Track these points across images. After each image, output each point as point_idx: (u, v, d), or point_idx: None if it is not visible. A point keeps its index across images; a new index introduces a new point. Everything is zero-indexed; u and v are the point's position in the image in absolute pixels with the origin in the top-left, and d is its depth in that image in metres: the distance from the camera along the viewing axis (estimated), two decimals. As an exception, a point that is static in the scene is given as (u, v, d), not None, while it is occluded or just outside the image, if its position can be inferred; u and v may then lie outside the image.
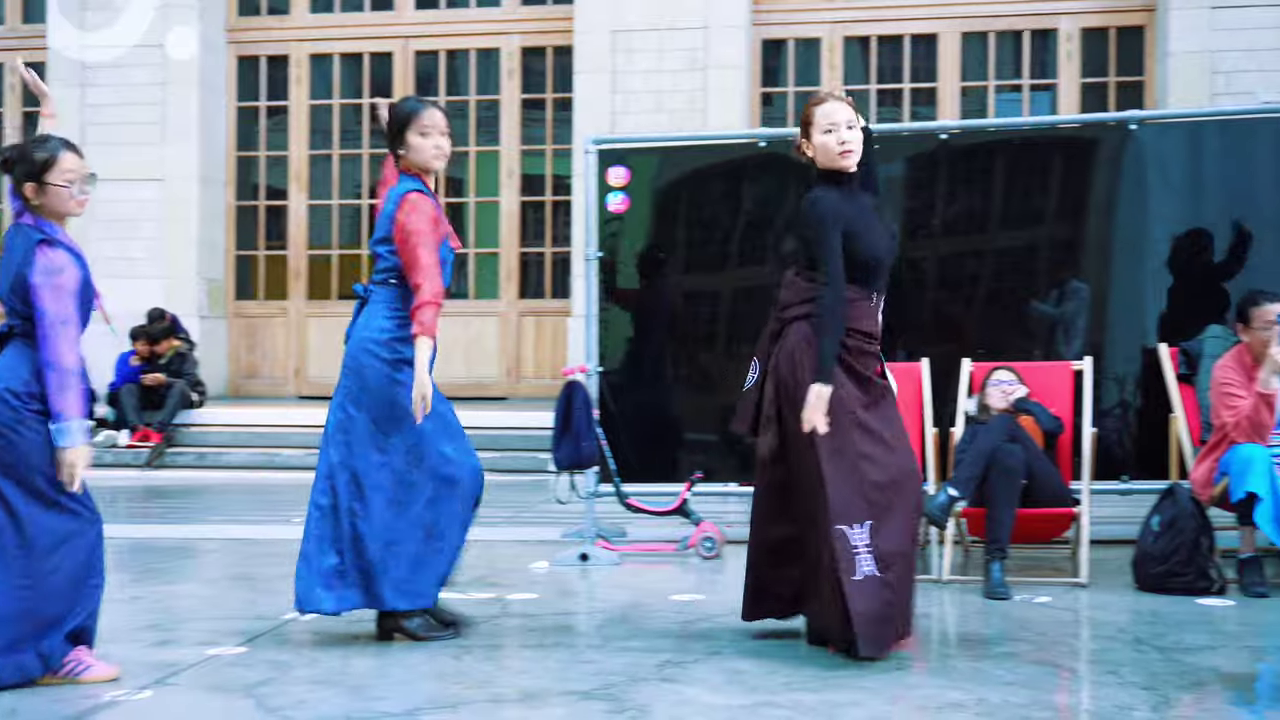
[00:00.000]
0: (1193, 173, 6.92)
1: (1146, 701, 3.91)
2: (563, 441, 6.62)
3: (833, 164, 4.62)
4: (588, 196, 7.28)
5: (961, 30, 12.29)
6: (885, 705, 3.93)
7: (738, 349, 7.33)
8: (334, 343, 13.23)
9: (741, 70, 12.13)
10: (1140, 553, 5.71)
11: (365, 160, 13.46)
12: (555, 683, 4.18)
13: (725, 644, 4.70)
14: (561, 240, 12.86)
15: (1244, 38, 11.28)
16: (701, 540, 6.67)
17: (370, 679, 4.25)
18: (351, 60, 13.50)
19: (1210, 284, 6.76)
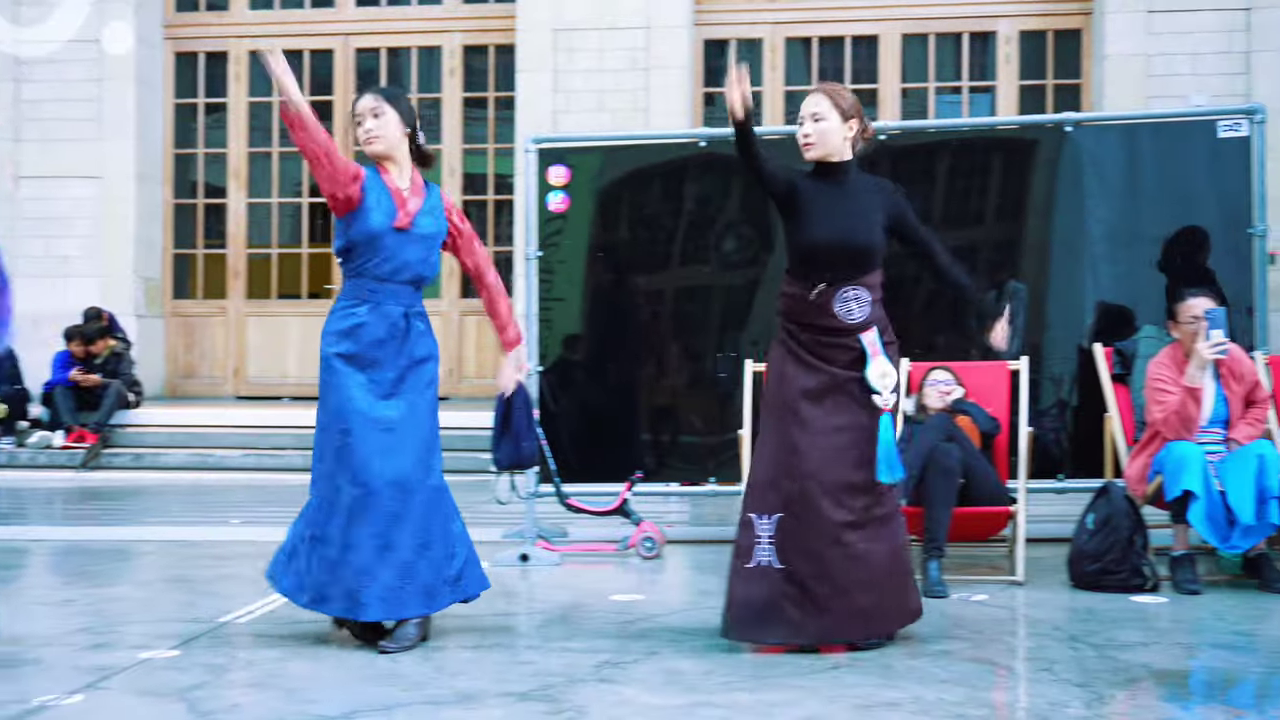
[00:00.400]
0: (1129, 174, 7.00)
1: (1080, 698, 3.95)
2: (502, 442, 6.55)
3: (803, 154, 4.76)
4: (528, 196, 7.26)
5: (902, 32, 12.36)
6: (822, 704, 3.94)
7: (680, 348, 7.34)
8: (274, 342, 13.22)
9: (683, 70, 12.14)
10: (1075, 551, 5.76)
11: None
12: (493, 684, 4.16)
13: (664, 644, 4.70)
14: (504, 239, 12.82)
15: (1178, 41, 11.43)
16: (642, 540, 6.66)
17: (306, 681, 4.21)
18: (292, 57, 13.25)
19: (1146, 284, 6.83)
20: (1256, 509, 5.47)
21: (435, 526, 4.72)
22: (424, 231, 4.78)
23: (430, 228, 4.80)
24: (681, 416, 7.32)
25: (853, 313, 4.65)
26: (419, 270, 4.78)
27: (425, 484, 4.71)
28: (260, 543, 7.18)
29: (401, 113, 4.82)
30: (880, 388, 4.63)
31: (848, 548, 4.57)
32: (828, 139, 4.70)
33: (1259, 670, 4.38)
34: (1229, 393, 5.91)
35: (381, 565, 4.61)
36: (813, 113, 4.71)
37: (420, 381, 4.79)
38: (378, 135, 4.81)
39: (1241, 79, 11.33)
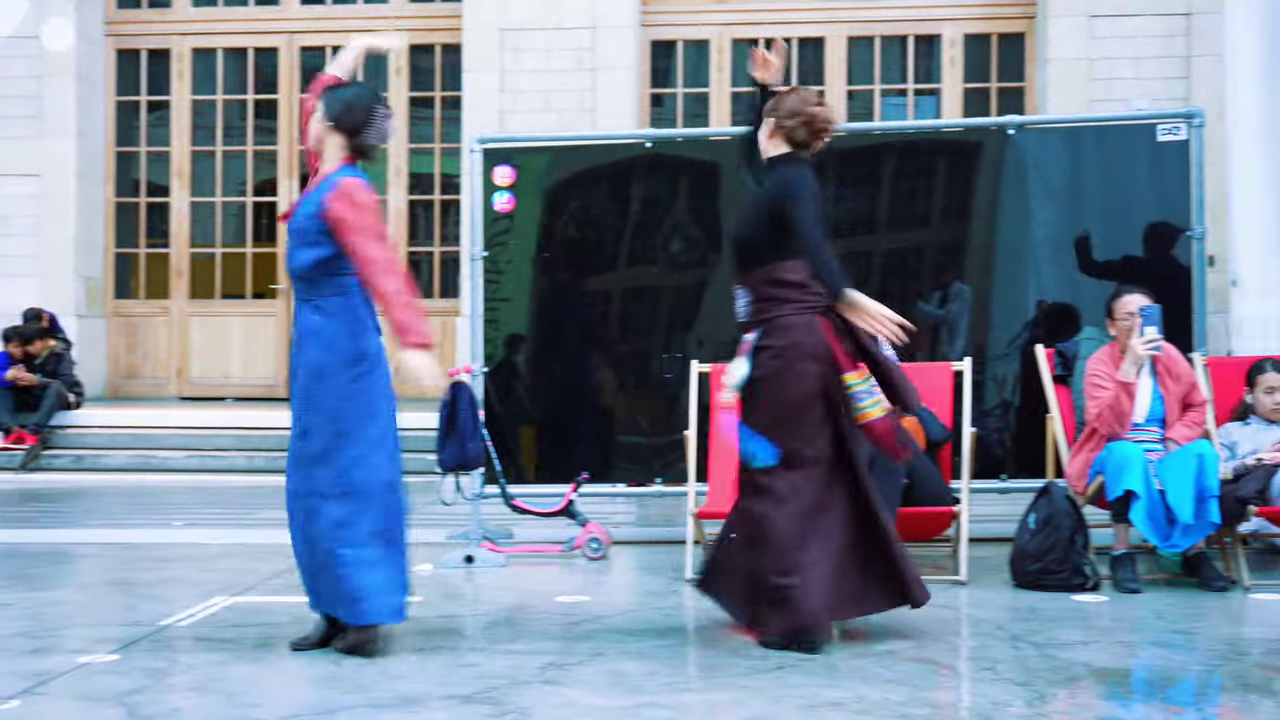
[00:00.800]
0: (1071, 177, 7.06)
1: (1021, 697, 3.98)
2: (448, 443, 6.56)
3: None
4: (473, 196, 7.23)
5: (848, 35, 12.42)
6: (766, 704, 3.95)
7: (627, 349, 7.34)
8: (218, 343, 13.10)
9: (630, 71, 12.14)
10: (1017, 550, 5.81)
11: (249, 157, 13.25)
12: (436, 687, 4.14)
13: (609, 645, 4.69)
14: (451, 239, 12.77)
15: (1120, 46, 11.55)
16: (587, 541, 6.65)
17: (247, 685, 4.18)
18: (236, 55, 13.28)
19: (1088, 286, 6.90)
20: (1196, 508, 5.53)
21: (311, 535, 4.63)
22: (294, 225, 4.72)
23: (299, 221, 4.69)
24: (628, 417, 7.32)
25: (740, 311, 4.82)
26: (289, 265, 4.73)
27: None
28: (203, 545, 7.12)
29: (327, 105, 4.78)
30: (728, 384, 4.78)
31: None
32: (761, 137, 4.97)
33: (1197, 668, 4.44)
34: (1165, 391, 5.99)
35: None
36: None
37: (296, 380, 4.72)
38: (314, 135, 4.83)
39: (1182, 83, 11.47)
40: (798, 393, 4.67)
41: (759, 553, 4.64)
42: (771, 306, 4.70)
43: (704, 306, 7.24)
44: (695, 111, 12.67)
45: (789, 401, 4.67)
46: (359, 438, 4.58)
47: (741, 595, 4.74)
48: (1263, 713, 3.86)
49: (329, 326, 4.62)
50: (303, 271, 4.66)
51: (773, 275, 4.71)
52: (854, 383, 4.68)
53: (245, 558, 6.68)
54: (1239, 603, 5.48)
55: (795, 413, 4.67)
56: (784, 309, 4.69)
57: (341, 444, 4.58)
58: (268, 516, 8.44)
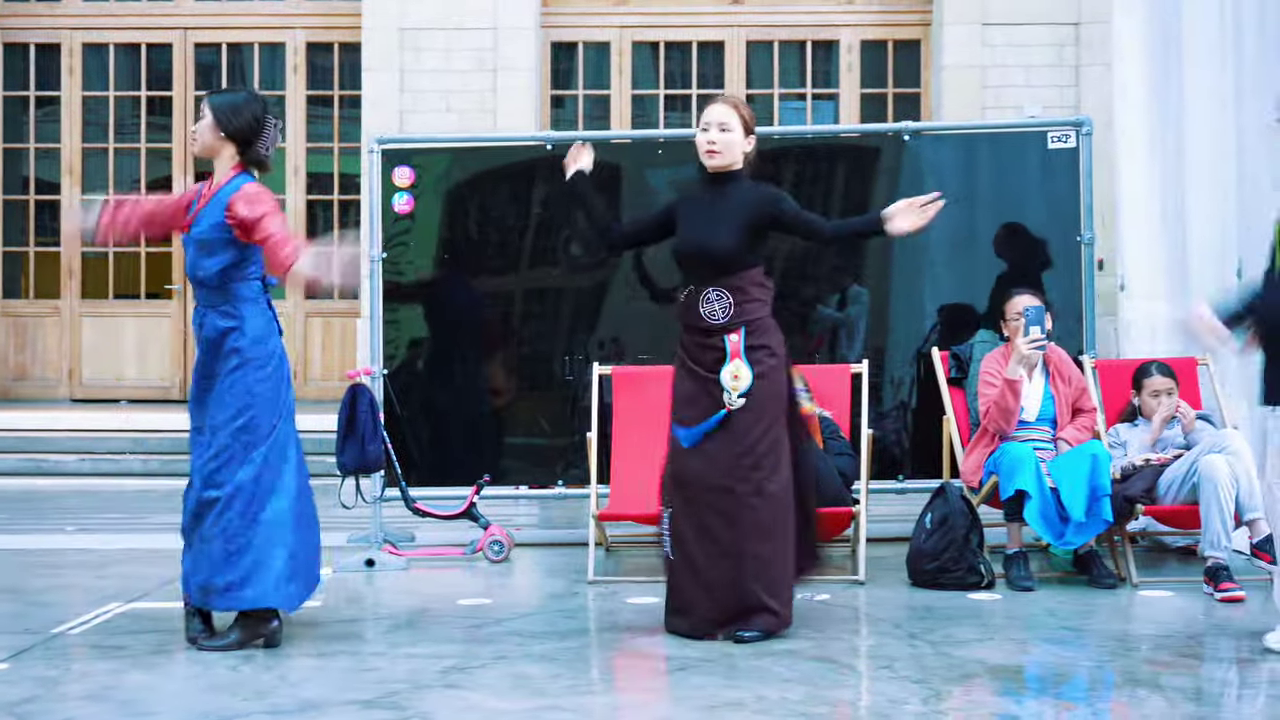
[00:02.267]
0: (966, 182, 7.18)
1: (918, 695, 4.05)
2: (347, 445, 6.51)
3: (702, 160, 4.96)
4: (372, 197, 7.18)
5: (747, 39, 12.52)
6: (669, 706, 3.98)
7: (528, 350, 7.33)
8: (111, 344, 12.84)
9: (531, 72, 12.13)
10: (914, 550, 5.90)
11: (143, 154, 13.02)
12: (336, 692, 4.11)
13: (512, 648, 4.70)
14: (350, 240, 12.65)
15: (1013, 54, 11.77)
16: (489, 543, 6.64)
17: (143, 693, 4.12)
18: (128, 50, 13.02)
19: (983, 290, 7.02)
20: (1088, 506, 5.67)
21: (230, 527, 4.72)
22: (195, 234, 4.81)
23: (201, 229, 4.79)
24: (529, 419, 7.30)
25: (715, 314, 4.84)
26: (193, 272, 4.82)
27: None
28: (96, 551, 6.99)
29: (217, 117, 4.82)
30: (729, 388, 4.74)
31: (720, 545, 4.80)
32: (732, 150, 4.96)
33: (1088, 664, 4.55)
34: (1055, 392, 6.14)
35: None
36: (721, 122, 4.97)
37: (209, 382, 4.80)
38: (194, 139, 4.90)
39: (1072, 91, 11.72)
40: (783, 389, 4.90)
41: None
42: (755, 308, 4.88)
43: (605, 308, 7.26)
44: (596, 114, 12.69)
45: (781, 395, 4.89)
46: (261, 435, 4.73)
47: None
48: (1150, 707, 3.97)
49: (235, 331, 4.75)
50: (209, 279, 4.77)
51: (756, 279, 4.91)
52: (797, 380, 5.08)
53: (139, 563, 6.57)
54: (1128, 599, 5.62)
55: (785, 406, 4.90)
56: (760, 309, 4.89)
57: (247, 440, 4.72)
58: (162, 521, 8.29)
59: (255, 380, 4.76)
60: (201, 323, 4.83)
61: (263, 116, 4.88)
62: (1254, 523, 5.61)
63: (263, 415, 4.75)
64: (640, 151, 7.46)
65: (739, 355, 4.80)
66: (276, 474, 4.76)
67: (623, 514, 6.33)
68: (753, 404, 4.79)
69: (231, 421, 4.73)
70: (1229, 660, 4.66)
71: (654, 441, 6.51)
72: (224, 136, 4.82)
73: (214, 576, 4.69)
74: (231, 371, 4.75)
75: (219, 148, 4.84)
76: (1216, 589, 5.51)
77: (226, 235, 4.75)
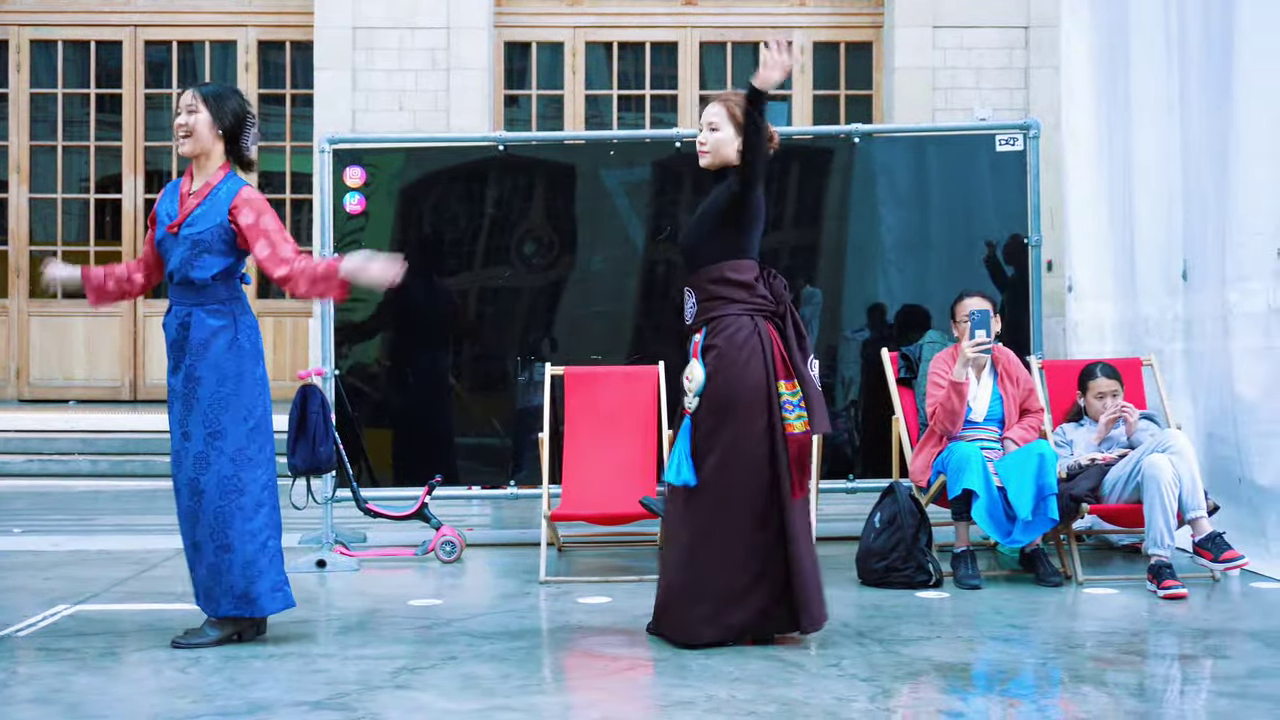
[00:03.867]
0: (917, 184, 7.24)
1: (865, 693, 4.08)
2: (298, 446, 6.48)
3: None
4: (323, 197, 7.16)
5: (700, 40, 12.56)
6: (618, 705, 4.00)
7: (481, 351, 7.33)
8: (60, 343, 12.73)
9: (484, 72, 12.12)
10: (863, 549, 5.94)
11: (92, 152, 12.92)
12: (285, 693, 4.10)
13: (462, 648, 4.70)
14: (305, 239, 12.59)
15: (963, 56, 11.88)
16: (441, 544, 6.63)
17: (90, 695, 4.09)
18: (78, 47, 12.92)
19: (934, 290, 7.08)
20: (1035, 505, 5.73)
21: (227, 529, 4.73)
22: (190, 234, 4.75)
23: (198, 229, 4.74)
24: (482, 419, 7.30)
25: (687, 314, 4.84)
26: (185, 272, 4.76)
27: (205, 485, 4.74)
28: (43, 552, 6.93)
29: (215, 114, 4.77)
30: (685, 388, 4.74)
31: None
32: (721, 149, 4.84)
33: (1033, 661, 4.59)
34: (1004, 393, 6.20)
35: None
36: (709, 122, 4.86)
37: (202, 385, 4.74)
38: (187, 135, 4.80)
39: (1022, 93, 11.84)
40: (741, 389, 4.67)
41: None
42: (717, 306, 4.74)
43: (559, 308, 7.27)
44: (550, 113, 12.70)
45: (732, 398, 4.68)
46: (269, 435, 4.79)
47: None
48: (1095, 703, 4.01)
49: (228, 329, 4.74)
50: (203, 280, 4.73)
51: (718, 274, 4.75)
52: (785, 393, 4.72)
53: (88, 565, 6.52)
54: (1073, 597, 5.69)
55: (735, 411, 4.68)
56: (730, 308, 4.73)
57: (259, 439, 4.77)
58: (111, 522, 8.26)
59: (255, 380, 4.77)
60: (186, 323, 4.74)
61: (247, 110, 4.85)
62: (1196, 521, 5.69)
63: (266, 414, 4.80)
64: (594, 152, 7.48)
65: (696, 355, 4.74)
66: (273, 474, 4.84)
67: (575, 514, 6.34)
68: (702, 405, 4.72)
69: (243, 423, 4.72)
70: (1172, 657, 4.73)
71: (606, 442, 6.56)
72: (220, 134, 4.77)
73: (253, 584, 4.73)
74: (235, 374, 4.73)
75: (212, 146, 4.78)
76: (1160, 587, 5.58)
77: (229, 237, 4.73)
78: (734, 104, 4.83)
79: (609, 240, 7.28)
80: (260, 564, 4.74)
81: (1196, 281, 6.71)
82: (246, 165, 4.91)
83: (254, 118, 4.89)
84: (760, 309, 4.75)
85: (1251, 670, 4.38)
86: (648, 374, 6.74)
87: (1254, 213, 6.11)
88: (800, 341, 4.76)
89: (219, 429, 4.71)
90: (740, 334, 4.70)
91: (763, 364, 4.69)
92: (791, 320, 4.77)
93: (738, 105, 4.81)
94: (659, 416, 6.61)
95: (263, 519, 4.76)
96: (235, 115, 4.80)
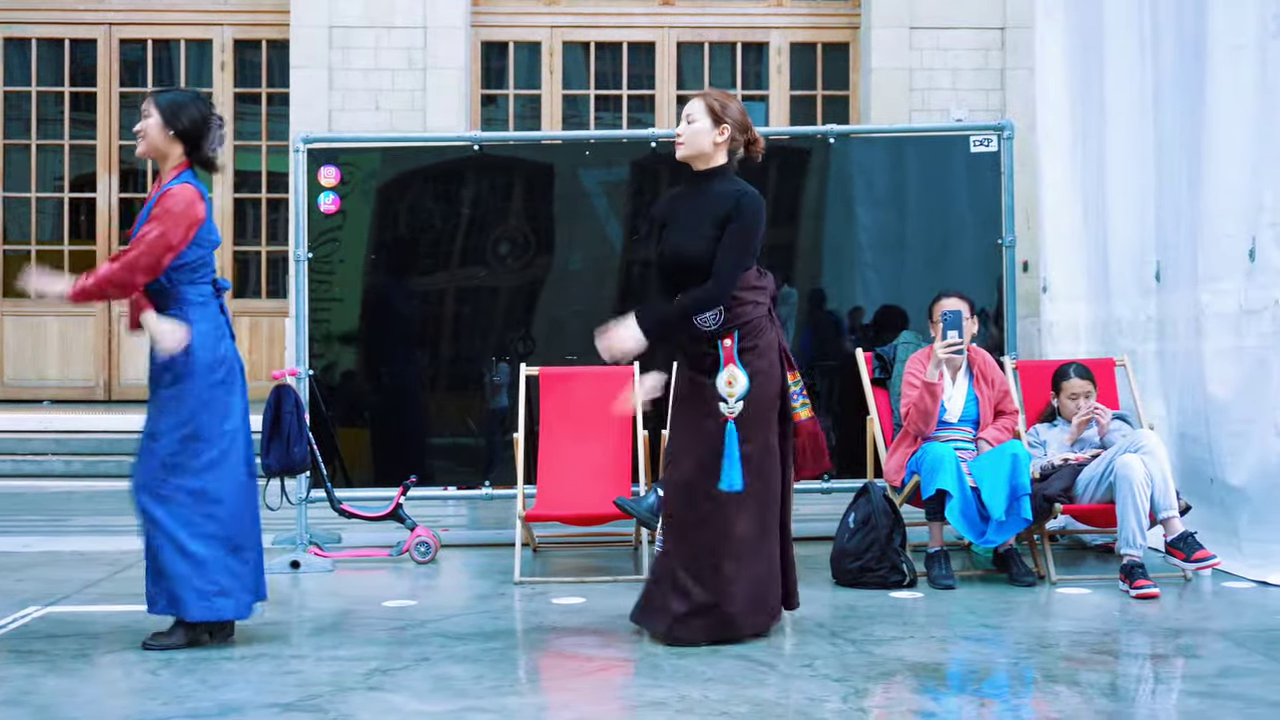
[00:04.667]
0: (893, 185, 7.25)
1: (838, 693, 4.09)
2: (272, 446, 6.46)
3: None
4: (298, 196, 7.13)
5: (678, 40, 12.57)
6: (591, 706, 3.99)
7: (456, 351, 7.31)
8: (34, 343, 12.65)
9: (461, 71, 12.11)
10: (837, 549, 5.95)
11: (66, 151, 12.85)
12: (257, 695, 4.08)
13: (435, 650, 4.69)
14: (281, 238, 12.56)
15: (939, 57, 11.91)
16: (416, 545, 6.62)
17: (59, 698, 4.07)
18: (52, 45, 12.85)
19: (910, 290, 7.09)
20: (1009, 505, 5.75)
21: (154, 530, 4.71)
22: (135, 235, 4.76)
23: (136, 229, 4.76)
24: (457, 420, 7.29)
25: (706, 321, 4.76)
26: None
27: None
28: (15, 553, 6.89)
29: (166, 116, 4.77)
30: (725, 394, 4.72)
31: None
32: (695, 140, 4.83)
33: (1005, 661, 4.61)
34: (979, 394, 6.22)
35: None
36: (688, 115, 4.89)
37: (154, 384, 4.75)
38: (141, 140, 4.82)
39: (997, 94, 11.88)
40: (774, 390, 4.82)
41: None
42: (746, 312, 4.80)
43: (536, 309, 7.26)
44: (527, 113, 12.69)
45: (769, 398, 4.80)
46: (212, 442, 4.69)
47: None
48: (1066, 703, 4.02)
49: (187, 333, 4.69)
50: (152, 282, 4.70)
51: (746, 282, 4.81)
52: (792, 384, 4.89)
53: (60, 566, 6.49)
54: (1046, 597, 5.71)
55: (770, 410, 4.82)
56: (752, 310, 4.81)
57: (194, 447, 4.67)
58: (84, 523, 8.22)
59: (203, 387, 4.69)
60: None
61: (208, 115, 4.83)
62: (1168, 521, 5.71)
63: (211, 422, 4.69)
64: (571, 152, 7.47)
65: (733, 360, 4.73)
66: (223, 482, 4.71)
67: (549, 515, 6.34)
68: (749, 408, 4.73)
69: (177, 430, 4.67)
70: (1144, 656, 4.74)
71: (581, 442, 6.56)
72: (173, 136, 4.76)
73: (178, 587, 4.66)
74: (177, 379, 4.68)
75: (167, 149, 4.77)
76: (1132, 586, 5.60)
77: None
78: (714, 99, 4.88)
79: (586, 240, 7.27)
80: (182, 570, 4.65)
81: (1169, 282, 6.74)
82: (209, 167, 4.88)
83: (219, 121, 4.86)
84: (769, 308, 4.89)
85: (1222, 670, 4.40)
86: (623, 374, 6.73)
87: (1226, 214, 6.14)
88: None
89: (156, 430, 4.71)
90: (766, 336, 4.82)
91: (779, 361, 4.86)
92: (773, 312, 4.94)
93: (717, 101, 4.87)
94: (634, 417, 6.60)
95: (187, 528, 4.66)
96: (192, 120, 4.78)
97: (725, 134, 4.84)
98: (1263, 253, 5.88)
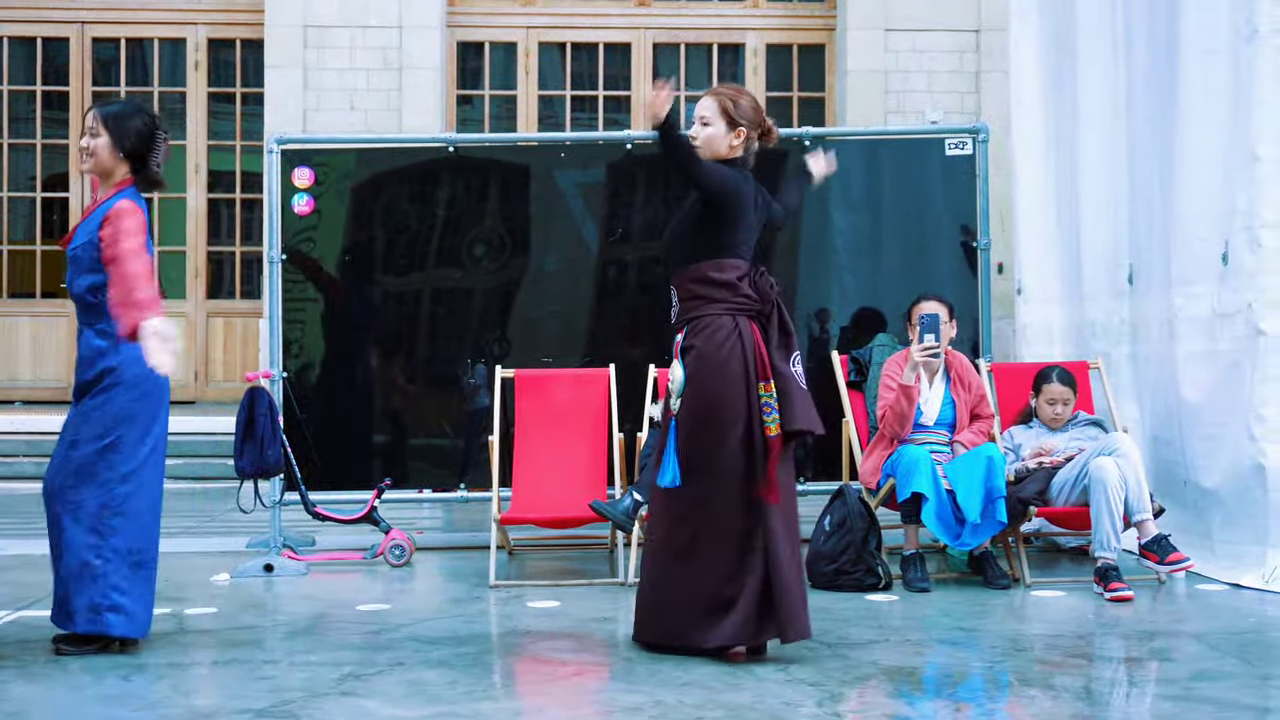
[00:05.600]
0: (869, 187, 7.25)
1: (813, 697, 4.09)
2: (246, 448, 6.43)
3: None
4: (271, 197, 7.10)
5: (654, 41, 12.57)
6: (565, 711, 3.98)
7: (431, 353, 7.29)
8: (5, 344, 12.56)
9: (436, 71, 12.07)
10: (813, 552, 5.95)
11: (38, 150, 12.76)
12: (229, 700, 4.06)
13: (409, 654, 4.67)
14: (256, 239, 12.50)
15: (915, 60, 11.94)
16: (390, 548, 6.60)
17: (29, 704, 4.04)
18: (23, 44, 12.76)
19: (886, 293, 7.10)
20: (984, 508, 5.76)
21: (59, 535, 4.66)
22: (70, 249, 4.73)
23: (77, 244, 4.72)
24: (432, 422, 7.26)
25: (672, 314, 4.76)
26: (73, 290, 4.74)
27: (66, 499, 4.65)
28: (-15, 557, 6.85)
29: (116, 137, 4.72)
30: (670, 390, 4.70)
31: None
32: (711, 145, 4.71)
33: (980, 664, 4.62)
34: (956, 397, 6.22)
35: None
36: (701, 116, 4.75)
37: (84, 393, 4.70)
38: (89, 157, 4.76)
39: (973, 97, 11.91)
40: (719, 392, 4.58)
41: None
42: (698, 306, 4.65)
43: (510, 311, 7.24)
44: (503, 114, 12.67)
45: (711, 399, 4.57)
46: (131, 456, 4.65)
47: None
48: (1040, 706, 4.04)
49: (110, 352, 4.64)
50: (82, 297, 4.68)
51: (699, 274, 4.65)
52: (764, 395, 4.61)
53: (31, 569, 6.43)
54: (1020, 600, 5.72)
55: (714, 412, 4.58)
56: (711, 308, 4.63)
57: (111, 459, 4.63)
58: (56, 525, 8.14)
59: (127, 401, 4.64)
60: (79, 340, 4.74)
61: (154, 130, 4.77)
62: (1142, 524, 5.73)
63: (131, 436, 4.65)
64: (547, 153, 7.45)
65: (677, 355, 4.66)
66: (136, 497, 4.66)
67: (524, 517, 6.33)
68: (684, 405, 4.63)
69: (97, 440, 4.63)
70: (1117, 659, 4.76)
71: (556, 445, 6.54)
72: (122, 157, 4.72)
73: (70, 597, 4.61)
74: (102, 391, 4.64)
75: (114, 167, 4.73)
76: (1106, 589, 5.62)
77: (97, 254, 4.63)
78: (726, 99, 4.73)
79: (562, 242, 7.25)
80: (80, 580, 4.60)
81: (1142, 285, 6.76)
82: (156, 185, 4.83)
83: (164, 134, 4.80)
84: (743, 308, 4.63)
85: (1195, 672, 4.42)
86: (598, 376, 6.73)
87: (1198, 217, 6.17)
88: (785, 339, 4.65)
89: (76, 438, 4.67)
90: (719, 334, 4.60)
91: (742, 365, 4.58)
92: (778, 318, 4.65)
93: (730, 100, 4.73)
94: (609, 420, 6.60)
95: (90, 537, 4.60)
96: (139, 135, 4.73)
97: (741, 137, 4.72)
98: (1235, 256, 5.91)
